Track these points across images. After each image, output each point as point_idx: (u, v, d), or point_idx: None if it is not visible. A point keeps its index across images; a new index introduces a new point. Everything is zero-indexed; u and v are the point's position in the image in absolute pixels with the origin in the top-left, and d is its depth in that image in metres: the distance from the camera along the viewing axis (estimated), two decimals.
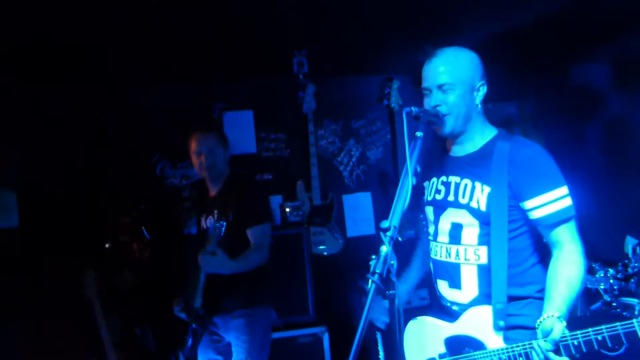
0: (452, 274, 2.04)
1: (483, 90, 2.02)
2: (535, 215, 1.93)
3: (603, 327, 1.65)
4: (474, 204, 1.97)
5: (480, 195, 1.96)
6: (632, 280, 3.32)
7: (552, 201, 1.90)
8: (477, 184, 1.98)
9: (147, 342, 4.02)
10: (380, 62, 4.37)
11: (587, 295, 3.53)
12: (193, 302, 3.04)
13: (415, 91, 2.09)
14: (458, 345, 1.98)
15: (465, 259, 2.00)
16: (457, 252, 2.02)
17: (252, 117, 4.43)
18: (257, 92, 4.45)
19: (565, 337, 1.71)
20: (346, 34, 3.63)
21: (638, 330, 1.62)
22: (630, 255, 3.37)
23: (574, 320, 1.81)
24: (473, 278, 1.98)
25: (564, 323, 1.74)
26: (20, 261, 3.78)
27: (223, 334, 3.11)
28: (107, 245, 4.10)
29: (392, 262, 1.55)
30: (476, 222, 1.97)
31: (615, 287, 3.33)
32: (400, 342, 1.66)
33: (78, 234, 3.97)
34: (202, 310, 3.00)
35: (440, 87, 1.97)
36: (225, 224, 2.90)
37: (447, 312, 2.09)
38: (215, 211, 3.10)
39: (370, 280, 1.53)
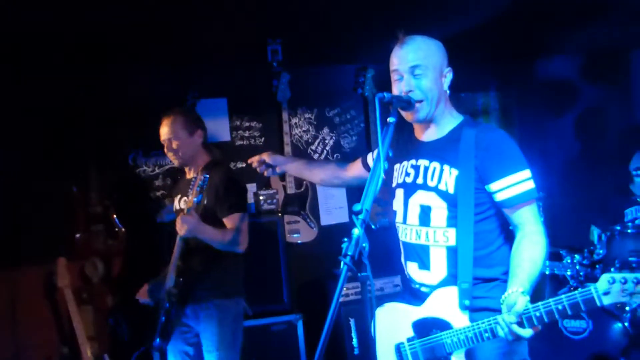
0: (422, 255, 2.07)
1: (449, 76, 2.07)
2: (499, 197, 1.97)
3: (563, 296, 1.71)
4: (442, 187, 2.01)
5: (449, 177, 2.00)
6: (597, 266, 3.41)
7: (516, 183, 1.95)
8: (445, 167, 2.02)
9: (120, 332, 3.99)
10: (354, 51, 4.38)
11: (555, 280, 3.62)
12: (166, 284, 2.98)
13: (389, 81, 2.11)
14: (426, 328, 2.01)
15: (435, 241, 2.03)
16: (427, 234, 2.05)
17: (226, 105, 4.41)
18: (231, 80, 4.42)
19: (528, 309, 1.75)
20: (321, 22, 3.63)
21: (595, 296, 1.67)
22: (595, 242, 3.45)
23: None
24: (442, 260, 2.02)
25: (528, 297, 1.79)
26: None
27: (192, 324, 3.06)
28: (78, 235, 4.06)
29: (364, 244, 1.57)
30: (444, 205, 2.01)
31: (581, 274, 3.42)
32: (373, 326, 1.68)
33: (50, 223, 3.92)
34: (176, 289, 2.93)
35: (413, 69, 2.00)
36: (208, 176, 2.85)
37: (415, 294, 2.12)
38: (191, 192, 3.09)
39: (342, 262, 1.55)
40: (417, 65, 1.99)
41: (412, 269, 2.13)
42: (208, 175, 2.87)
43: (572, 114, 5.03)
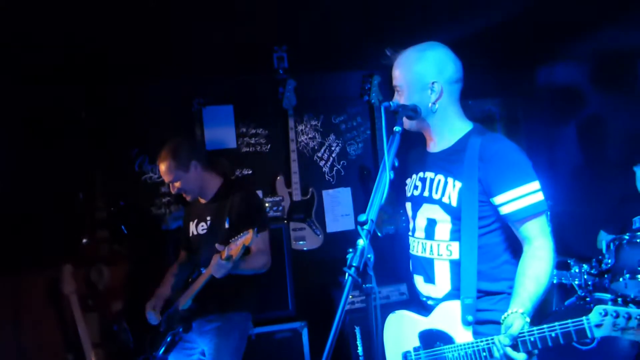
0: (427, 269, 2.06)
1: (437, 88, 1.99)
2: (504, 210, 1.92)
3: (556, 324, 1.67)
4: (445, 200, 1.99)
5: (452, 190, 1.98)
6: (606, 276, 3.37)
7: (522, 196, 1.89)
8: (450, 180, 2.00)
9: (124, 339, 3.98)
10: (360, 58, 4.37)
11: (562, 290, 3.59)
12: (178, 305, 2.95)
13: None
14: (431, 339, 2.01)
15: (438, 254, 2.02)
16: (431, 247, 2.04)
17: (232, 111, 4.41)
18: (238, 87, 4.43)
19: (523, 333, 1.72)
20: (326, 29, 3.63)
21: (587, 328, 1.63)
22: (604, 251, 3.41)
23: (549, 315, 1.83)
24: (445, 273, 2.00)
25: (527, 319, 1.75)
26: None
27: (197, 338, 3.02)
28: (84, 241, 4.06)
29: (369, 255, 1.56)
30: (448, 218, 1.99)
31: (589, 283, 3.38)
32: (379, 336, 1.66)
33: (55, 229, 3.93)
34: (189, 312, 2.91)
35: (395, 87, 2.06)
36: (259, 236, 2.75)
37: (423, 306, 2.13)
38: (209, 218, 3.07)
39: (346, 274, 1.53)
40: (396, 85, 2.05)
41: (418, 282, 2.13)
42: (259, 235, 2.76)
43: (579, 121, 4.99)
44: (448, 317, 1.96)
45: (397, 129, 1.83)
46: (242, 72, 4.37)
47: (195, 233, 3.16)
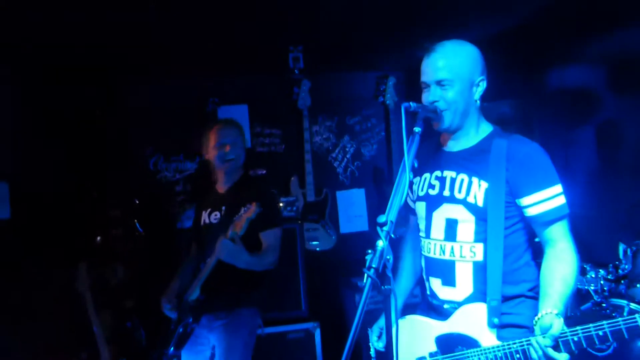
0: (446, 271, 2.01)
1: (482, 85, 2.01)
2: (531, 212, 1.92)
3: (604, 322, 1.64)
4: (470, 199, 1.95)
5: (478, 190, 1.94)
6: (622, 282, 3.33)
7: (549, 198, 1.90)
8: (474, 179, 1.96)
9: (138, 336, 4.00)
10: (375, 59, 4.37)
11: (578, 295, 3.55)
12: (187, 296, 2.95)
13: (410, 89, 2.09)
14: (450, 344, 1.96)
15: (461, 256, 1.97)
16: (452, 249, 1.99)
17: (247, 111, 4.42)
18: (253, 87, 4.44)
19: (565, 333, 1.70)
20: (342, 30, 3.63)
21: None
22: (621, 256, 3.38)
23: (565, 320, 1.81)
24: (468, 275, 1.97)
25: (562, 320, 1.73)
26: (11, 253, 3.75)
27: (207, 334, 3.01)
28: (98, 239, 4.08)
29: (388, 257, 1.54)
30: (472, 218, 1.95)
31: (605, 289, 3.34)
32: (396, 339, 1.64)
33: (70, 227, 3.95)
34: (198, 303, 2.91)
35: (438, 82, 1.96)
36: (261, 210, 2.77)
37: (437, 310, 2.07)
38: (224, 207, 3.05)
39: (365, 275, 1.52)
40: (443, 79, 1.95)
41: (435, 285, 2.06)
42: (261, 209, 2.77)
43: (595, 124, 4.94)
44: (472, 320, 1.92)
45: (416, 129, 1.81)
46: (258, 71, 4.38)
47: (207, 222, 3.12)
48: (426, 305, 2.15)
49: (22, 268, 3.81)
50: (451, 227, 2.00)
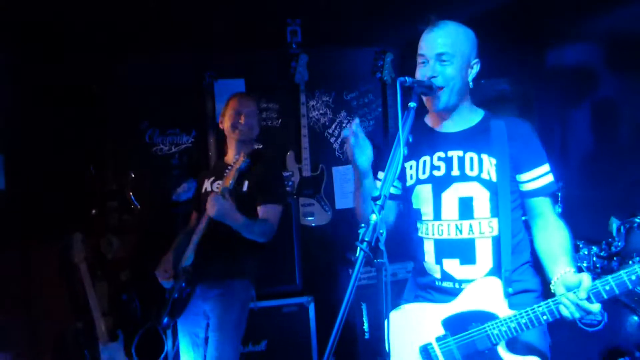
0: (465, 250, 2.01)
1: (476, 68, 2.05)
2: (530, 186, 2.03)
3: (636, 266, 1.70)
4: (485, 175, 1.99)
5: (490, 166, 1.99)
6: (615, 259, 3.36)
7: (544, 174, 2.02)
8: (484, 156, 2.01)
9: (133, 308, 4.03)
10: (374, 34, 4.33)
11: None
12: (181, 262, 2.94)
13: (407, 65, 2.07)
14: (462, 323, 1.94)
15: (480, 232, 2.00)
16: (471, 226, 2.00)
17: (244, 85, 4.39)
18: (249, 61, 4.40)
19: (595, 284, 1.74)
20: (340, 4, 3.58)
21: None
22: (614, 234, 3.40)
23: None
24: (487, 251, 1.99)
25: (589, 273, 1.81)
26: (6, 224, 3.76)
27: (201, 303, 3.01)
28: (93, 211, 4.09)
29: (381, 230, 1.55)
30: (487, 194, 1.99)
31: (598, 265, 3.37)
32: (387, 310, 1.64)
33: (65, 199, 3.95)
34: (192, 268, 2.88)
35: (439, 56, 1.96)
36: (249, 161, 2.79)
37: (448, 292, 2.04)
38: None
39: (358, 248, 1.53)
40: (444, 53, 1.95)
41: (451, 266, 2.03)
42: (250, 160, 2.80)
43: (592, 102, 4.93)
44: (486, 294, 1.94)
45: (412, 104, 1.81)
46: (255, 45, 4.34)
47: (208, 189, 3.10)
48: (429, 291, 2.12)
49: (17, 239, 3.83)
50: (466, 205, 2.01)
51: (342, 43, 4.51)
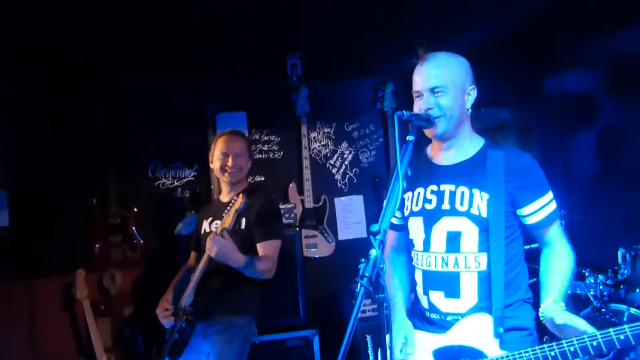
0: (450, 283, 2.00)
1: (473, 94, 2.05)
2: (532, 220, 2.00)
3: (625, 326, 1.67)
4: (474, 211, 1.97)
5: (480, 202, 1.97)
6: (622, 287, 3.32)
7: (546, 205, 2.00)
8: (475, 191, 1.98)
9: (136, 344, 3.99)
10: (373, 66, 4.38)
11: (577, 300, 3.54)
12: (182, 303, 2.94)
13: (408, 96, 2.09)
14: (451, 356, 1.94)
15: (466, 267, 1.98)
16: (456, 260, 1.99)
17: (245, 118, 4.42)
18: (251, 94, 4.44)
19: (584, 340, 1.71)
20: (340, 37, 3.64)
21: None
22: (620, 261, 3.37)
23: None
24: (473, 286, 1.97)
25: (563, 304, 1.84)
26: (10, 261, 3.75)
27: (202, 341, 2.97)
28: (97, 246, 4.08)
29: (381, 265, 1.54)
30: (476, 229, 1.96)
31: (604, 294, 3.33)
32: (392, 345, 1.63)
33: (68, 235, 3.96)
34: (192, 308, 2.88)
35: (432, 90, 1.98)
36: (248, 201, 2.78)
37: (436, 324, 2.04)
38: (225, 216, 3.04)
39: (359, 284, 1.52)
40: (437, 85, 1.97)
41: (436, 298, 2.04)
42: (248, 200, 2.79)
43: (595, 129, 4.93)
44: (476, 331, 1.92)
45: (410, 138, 1.82)
46: (256, 78, 4.39)
47: (207, 230, 3.11)
48: (421, 319, 2.12)
49: (20, 275, 3.82)
50: (453, 239, 2.00)
51: (343, 75, 4.56)
